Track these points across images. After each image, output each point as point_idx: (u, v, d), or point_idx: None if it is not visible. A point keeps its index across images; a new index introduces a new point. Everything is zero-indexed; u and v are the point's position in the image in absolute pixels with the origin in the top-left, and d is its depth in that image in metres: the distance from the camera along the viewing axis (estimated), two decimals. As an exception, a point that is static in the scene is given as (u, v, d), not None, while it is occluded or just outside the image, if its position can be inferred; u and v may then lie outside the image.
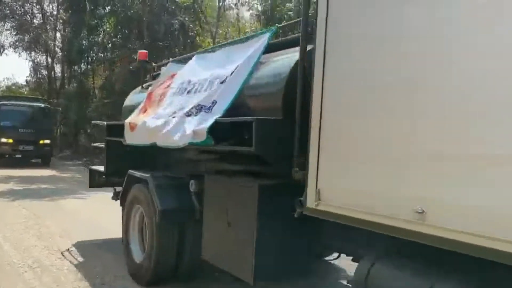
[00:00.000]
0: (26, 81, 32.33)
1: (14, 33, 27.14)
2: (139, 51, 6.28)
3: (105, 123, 5.35)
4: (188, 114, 3.60)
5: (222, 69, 3.75)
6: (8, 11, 26.20)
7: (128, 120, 4.79)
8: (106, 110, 19.71)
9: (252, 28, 24.50)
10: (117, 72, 20.65)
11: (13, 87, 37.77)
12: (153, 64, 6.41)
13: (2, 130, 16.79)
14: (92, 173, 6.15)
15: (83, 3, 18.25)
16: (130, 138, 4.68)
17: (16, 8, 26.65)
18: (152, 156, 5.00)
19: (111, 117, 20.32)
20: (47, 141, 17.74)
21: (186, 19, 18.22)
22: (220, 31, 23.28)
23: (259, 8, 21.33)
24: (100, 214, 8.22)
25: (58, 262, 5.36)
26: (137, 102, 5.29)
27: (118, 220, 7.20)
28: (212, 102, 3.42)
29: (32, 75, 29.94)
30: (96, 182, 6.14)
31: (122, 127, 4.89)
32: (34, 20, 27.62)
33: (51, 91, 28.19)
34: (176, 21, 17.54)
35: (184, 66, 4.69)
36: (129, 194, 4.92)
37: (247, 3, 23.51)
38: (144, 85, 5.98)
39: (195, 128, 3.34)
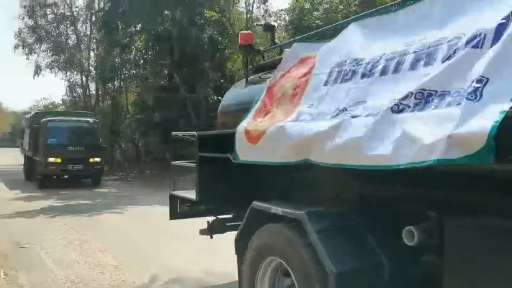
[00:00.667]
0: (62, 100, 33.50)
1: (50, 54, 28.22)
2: (241, 32, 5.15)
3: (195, 133, 4.04)
4: (399, 109, 2.17)
5: (448, 29, 2.29)
6: (44, 33, 27.31)
7: (242, 128, 3.33)
8: (138, 126, 20.09)
9: (280, 38, 24.56)
10: (148, 88, 21.03)
11: (50, 106, 39.11)
12: (261, 49, 5.16)
13: (49, 148, 15.35)
14: (174, 200, 4.59)
15: (115, 23, 18.72)
16: (251, 153, 3.23)
17: (52, 30, 27.76)
18: (274, 178, 3.58)
19: (143, 134, 20.70)
20: (98, 159, 16.22)
21: (215, 32, 18.39)
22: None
23: (287, 18, 21.36)
24: (138, 229, 8.30)
25: (100, 277, 5.40)
26: (245, 101, 3.91)
27: (155, 234, 7.24)
28: (479, 81, 1.87)
29: (68, 94, 31.01)
30: (179, 212, 4.65)
31: (224, 139, 3.55)
32: (69, 41, 28.69)
33: (86, 108, 29.01)
34: (205, 35, 17.73)
35: (333, 42, 3.16)
36: (254, 239, 3.21)
37: (274, 14, 23.63)
38: (250, 77, 4.57)
39: (454, 131, 1.82)
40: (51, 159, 15.10)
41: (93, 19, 26.79)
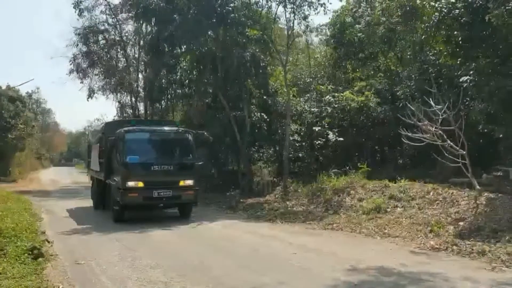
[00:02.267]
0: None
1: (102, 77, 29.68)
2: None
3: None
4: None
5: None
6: (96, 58, 28.80)
7: None
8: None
9: (322, 53, 24.56)
10: (194, 106, 21.59)
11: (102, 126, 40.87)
12: None
13: (128, 169, 11.45)
14: None
15: (162, 45, 19.47)
16: None
17: (103, 54, 29.24)
18: None
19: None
20: (190, 182, 11.91)
21: (257, 50, 18.71)
22: (290, 59, 23.59)
23: (328, 32, 21.36)
24: (187, 245, 8.50)
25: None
26: None
27: (202, 251, 7.39)
28: None
29: (119, 114, 32.32)
30: None
31: None
32: (119, 64, 30.07)
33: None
34: (248, 53, 18.07)
35: None
36: None
37: (315, 29, 23.68)
38: None
39: None
40: (130, 183, 11.31)
41: (141, 43, 27.99)
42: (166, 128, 13.47)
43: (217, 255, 7.70)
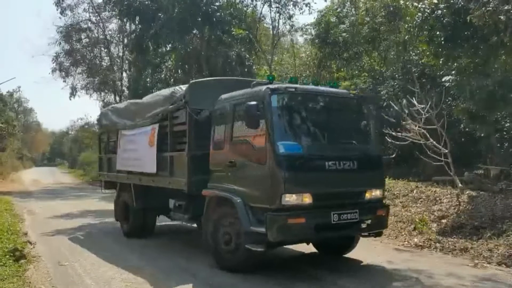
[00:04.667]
0: (97, 119, 34.52)
1: (85, 76, 29.34)
2: None
3: None
4: None
5: None
6: (79, 57, 28.46)
7: None
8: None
9: (307, 52, 24.69)
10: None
11: (86, 126, 40.42)
12: None
13: (285, 167, 5.77)
14: None
15: (146, 44, 19.34)
16: None
17: (86, 53, 28.90)
18: None
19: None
20: (379, 193, 6.67)
21: (242, 50, 18.73)
22: (276, 58, 23.66)
23: (313, 32, 21.46)
24: (175, 245, 8.45)
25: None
26: None
27: (192, 252, 7.34)
28: None
29: (102, 114, 31.99)
30: None
31: None
32: (103, 63, 29.76)
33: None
34: (233, 52, 18.08)
35: None
36: None
37: (300, 29, 23.78)
38: None
39: None
40: (290, 198, 5.76)
41: (125, 41, 27.74)
42: (333, 90, 6.99)
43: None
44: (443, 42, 10.29)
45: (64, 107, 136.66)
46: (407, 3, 11.55)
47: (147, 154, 8.31)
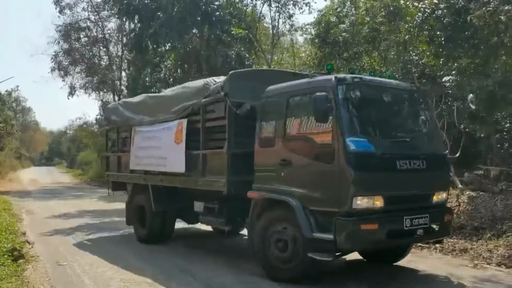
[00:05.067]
0: (96, 119, 34.51)
1: (84, 75, 29.26)
2: None
3: None
4: None
5: None
6: (78, 56, 28.39)
7: None
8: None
9: (307, 52, 24.66)
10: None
11: (84, 125, 40.35)
12: None
13: (356, 167, 5.14)
14: None
15: (146, 43, 19.30)
16: None
17: (85, 52, 28.83)
18: None
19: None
20: (444, 195, 6.10)
21: (242, 49, 18.70)
22: (275, 58, 23.62)
23: (313, 32, 21.42)
24: (173, 245, 8.42)
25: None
26: None
27: (192, 252, 7.31)
28: None
29: (101, 113, 31.91)
30: None
31: None
32: (102, 62, 29.69)
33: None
34: (233, 52, 18.05)
35: None
36: None
37: (300, 28, 23.76)
38: None
39: None
40: (362, 201, 5.17)
41: (124, 40, 27.70)
42: (395, 82, 6.59)
43: (206, 253, 7.64)
44: (443, 42, 10.29)
45: (62, 106, 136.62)
46: (408, 3, 11.52)
47: (173, 152, 7.50)
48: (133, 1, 18.67)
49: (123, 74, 29.74)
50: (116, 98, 29.93)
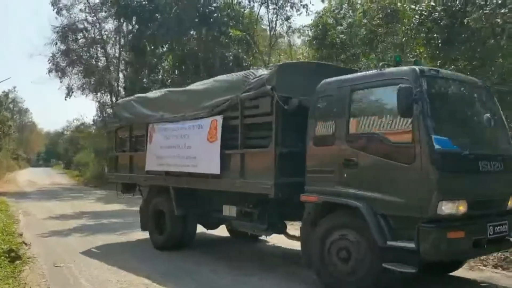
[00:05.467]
0: (93, 120, 34.45)
1: (81, 76, 29.19)
2: None
3: None
4: None
5: None
6: (76, 57, 28.33)
7: None
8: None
9: (304, 54, 24.71)
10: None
11: (82, 126, 40.24)
12: None
13: (441, 168, 4.59)
14: None
15: (143, 44, 19.31)
16: None
17: (83, 53, 28.78)
18: None
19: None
20: None
21: (239, 51, 18.72)
22: (273, 59, 23.65)
23: (310, 33, 21.47)
24: (170, 247, 8.40)
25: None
26: None
27: (188, 253, 7.32)
28: None
29: (99, 114, 31.88)
30: None
31: None
32: (99, 63, 29.64)
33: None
34: (230, 53, 18.07)
35: None
36: None
37: (297, 30, 23.82)
38: None
39: None
40: (448, 206, 4.62)
41: (122, 42, 27.67)
42: (467, 77, 6.16)
43: (207, 256, 7.64)
44: (440, 45, 10.34)
45: (59, 107, 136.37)
46: (405, 5, 11.60)
47: (205, 152, 6.85)
48: (131, 3, 18.66)
49: (121, 75, 29.69)
50: (114, 99, 29.90)
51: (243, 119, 6.43)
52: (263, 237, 8.60)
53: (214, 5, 18.17)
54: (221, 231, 8.79)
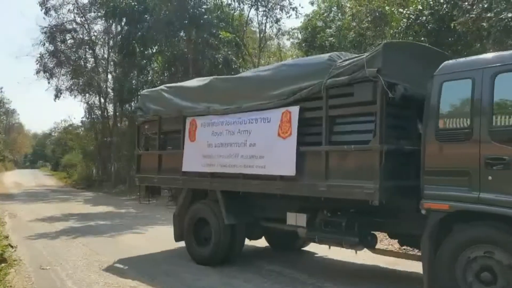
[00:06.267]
0: (81, 121, 34.17)
1: (70, 77, 28.95)
2: None
3: None
4: None
5: None
6: (64, 58, 28.09)
7: None
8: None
9: (294, 56, 24.81)
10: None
11: (70, 128, 39.87)
12: None
13: None
14: None
15: (133, 45, 19.22)
16: None
17: (71, 54, 28.55)
18: None
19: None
20: None
21: (229, 53, 18.72)
22: (262, 61, 23.71)
23: (300, 36, 21.59)
24: (157, 249, 8.37)
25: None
26: None
27: (176, 255, 7.29)
28: None
29: (87, 115, 31.62)
30: None
31: None
32: (87, 64, 29.42)
33: (104, 130, 29.57)
34: (220, 55, 18.07)
35: None
36: None
37: (287, 32, 23.92)
38: None
39: None
40: None
41: (111, 43, 27.51)
42: None
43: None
44: (427, 48, 10.45)
45: (47, 108, 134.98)
46: (393, 9, 11.71)
47: (276, 150, 5.74)
48: (120, 4, 18.57)
49: (109, 76, 29.53)
50: (102, 100, 29.70)
51: (327, 110, 5.33)
52: (307, 248, 7.93)
53: (204, 7, 18.15)
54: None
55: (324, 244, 6.20)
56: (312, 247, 7.90)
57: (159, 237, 10.03)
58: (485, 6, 8.87)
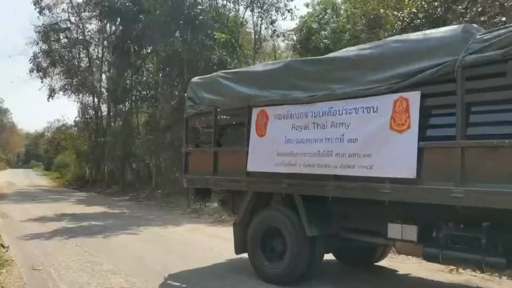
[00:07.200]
0: (75, 121, 33.95)
1: (64, 77, 28.80)
2: None
3: None
4: None
5: None
6: (58, 57, 27.95)
7: None
8: (150, 146, 20.30)
9: (289, 58, 24.86)
10: (161, 109, 21.35)
11: (63, 127, 39.67)
12: None
13: None
14: None
15: (127, 45, 19.16)
16: None
17: (65, 54, 28.41)
18: None
19: (154, 152, 20.94)
20: None
21: (224, 54, 18.72)
22: (257, 63, 23.73)
23: (295, 37, 21.63)
24: (151, 250, 8.35)
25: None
26: None
27: (166, 255, 7.26)
28: None
29: (80, 115, 31.45)
30: None
31: None
32: (81, 64, 29.30)
33: (98, 129, 29.45)
34: (215, 56, 18.06)
35: None
36: None
37: (282, 34, 23.95)
38: None
39: None
40: None
41: (105, 42, 27.40)
42: None
43: (182, 260, 7.61)
44: (421, 51, 10.52)
45: (41, 108, 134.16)
46: (387, 12, 11.77)
47: (389, 146, 4.60)
48: (115, 4, 18.51)
49: (104, 76, 29.42)
50: (96, 100, 29.57)
51: (464, 95, 4.18)
52: (381, 263, 7.12)
53: (200, 7, 18.15)
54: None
55: (450, 264, 5.25)
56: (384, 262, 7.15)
57: (152, 237, 10.01)
58: (479, 9, 8.94)
